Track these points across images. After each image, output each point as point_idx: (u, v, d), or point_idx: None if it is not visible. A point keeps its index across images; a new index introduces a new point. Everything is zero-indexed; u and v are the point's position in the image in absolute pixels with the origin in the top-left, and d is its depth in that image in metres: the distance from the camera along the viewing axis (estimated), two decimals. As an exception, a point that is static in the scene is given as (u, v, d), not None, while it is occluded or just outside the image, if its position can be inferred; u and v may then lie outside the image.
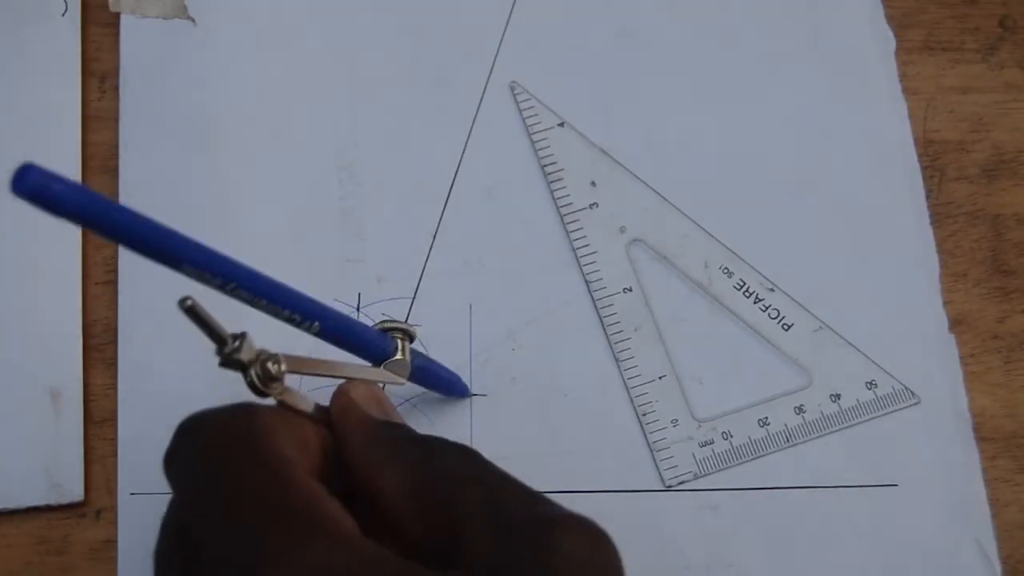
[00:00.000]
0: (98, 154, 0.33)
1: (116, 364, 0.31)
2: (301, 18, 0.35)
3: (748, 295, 0.33)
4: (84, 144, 0.33)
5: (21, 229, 0.32)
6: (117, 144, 0.33)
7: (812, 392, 0.32)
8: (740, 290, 0.33)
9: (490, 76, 0.35)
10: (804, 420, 0.32)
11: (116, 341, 0.31)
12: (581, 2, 0.36)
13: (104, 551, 0.30)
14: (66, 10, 0.34)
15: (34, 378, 0.31)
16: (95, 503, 0.30)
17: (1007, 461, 0.32)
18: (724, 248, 0.33)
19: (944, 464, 0.31)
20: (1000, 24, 0.37)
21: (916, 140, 0.35)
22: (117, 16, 0.34)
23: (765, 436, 0.31)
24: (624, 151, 0.34)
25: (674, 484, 0.31)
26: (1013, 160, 0.35)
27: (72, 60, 0.34)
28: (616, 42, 0.36)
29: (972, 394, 0.32)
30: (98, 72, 0.34)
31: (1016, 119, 0.36)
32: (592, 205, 0.34)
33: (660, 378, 0.32)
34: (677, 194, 0.34)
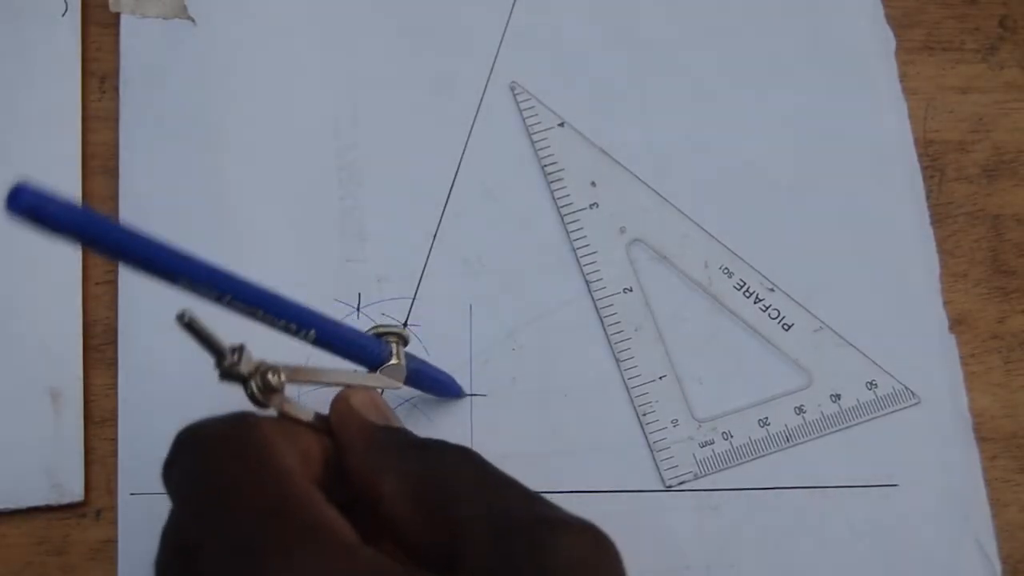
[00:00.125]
0: (98, 154, 0.33)
1: (116, 364, 0.31)
2: (301, 18, 0.35)
3: (748, 295, 0.33)
4: (84, 144, 0.33)
5: (21, 229, 0.32)
6: (117, 144, 0.33)
7: (812, 392, 0.32)
8: (740, 290, 0.33)
9: (490, 76, 0.35)
10: (804, 420, 0.32)
11: (116, 341, 0.31)
12: (581, 2, 0.36)
13: (104, 551, 0.30)
14: (66, 10, 0.34)
15: (34, 378, 0.31)
16: (95, 503, 0.30)
17: (1007, 461, 0.32)
18: (724, 248, 0.33)
19: (944, 464, 0.31)
20: (1000, 24, 0.37)
21: (916, 140, 0.35)
22: (117, 16, 0.34)
23: (765, 436, 0.31)
24: (624, 151, 0.34)
25: (674, 484, 0.31)
26: (1013, 160, 0.35)
27: (72, 60, 0.34)
28: (616, 42, 0.36)
29: (972, 394, 0.32)
30: (98, 72, 0.34)
31: (1016, 119, 0.36)
32: (592, 205, 0.34)
33: (660, 378, 0.32)
34: (677, 194, 0.34)
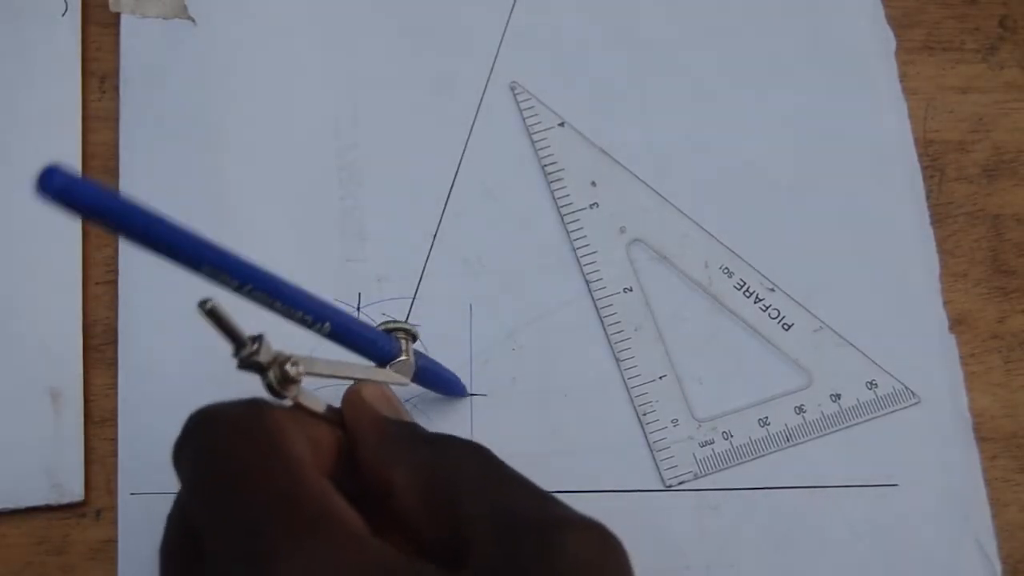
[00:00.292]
0: (98, 154, 0.33)
1: (116, 364, 0.31)
2: (301, 18, 0.35)
3: (748, 295, 0.33)
4: (84, 144, 0.33)
5: (21, 229, 0.32)
6: (117, 144, 0.33)
7: (812, 392, 0.32)
8: (740, 290, 0.33)
9: (490, 76, 0.35)
10: (804, 420, 0.32)
11: (116, 341, 0.31)
12: (581, 2, 0.36)
13: (104, 551, 0.30)
14: (66, 10, 0.34)
15: (34, 378, 0.31)
16: (95, 503, 0.30)
17: (1007, 461, 0.32)
18: (724, 248, 0.33)
19: (944, 464, 0.31)
20: (1000, 24, 0.37)
21: (916, 140, 0.35)
22: (117, 16, 0.34)
23: (765, 436, 0.31)
24: (624, 151, 0.34)
25: (674, 484, 0.31)
26: (1013, 160, 0.35)
27: (72, 60, 0.34)
28: (616, 42, 0.36)
29: (972, 394, 0.32)
30: (98, 72, 0.34)
31: (1016, 119, 0.36)
32: (592, 205, 0.34)
33: (660, 378, 0.32)
34: (677, 194, 0.34)
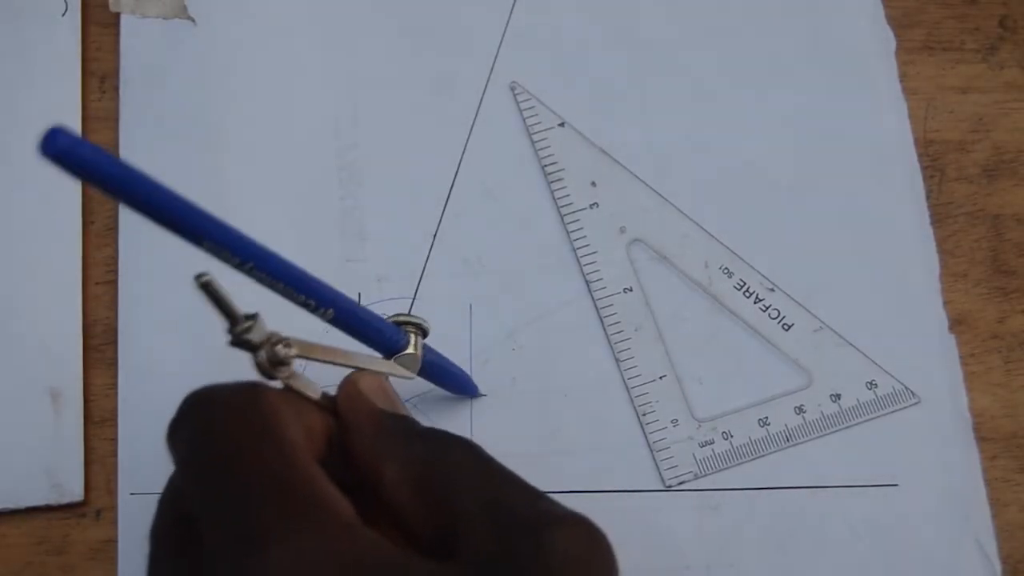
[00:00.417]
0: (98, 154, 0.33)
1: (116, 364, 0.31)
2: (301, 18, 0.35)
3: (748, 295, 0.33)
4: (84, 144, 0.33)
5: (21, 229, 0.32)
6: (117, 144, 0.33)
7: (812, 392, 0.32)
8: (740, 290, 0.33)
9: (490, 76, 0.35)
10: (804, 420, 0.32)
11: (116, 341, 0.31)
12: (581, 2, 0.36)
13: (104, 551, 0.30)
14: (66, 10, 0.34)
15: (34, 378, 0.31)
16: (95, 503, 0.30)
17: (1007, 461, 0.32)
18: (724, 248, 0.33)
19: (944, 464, 0.31)
20: (1000, 24, 0.37)
21: (916, 140, 0.35)
22: (117, 16, 0.35)
23: (765, 436, 0.31)
24: (624, 151, 0.34)
25: (674, 484, 0.31)
26: (1013, 160, 0.35)
27: (72, 60, 0.34)
28: (616, 42, 0.36)
29: (972, 394, 0.32)
30: (98, 72, 0.34)
31: (1016, 119, 0.36)
32: (592, 205, 0.34)
33: (660, 378, 0.32)
34: (677, 194, 0.34)
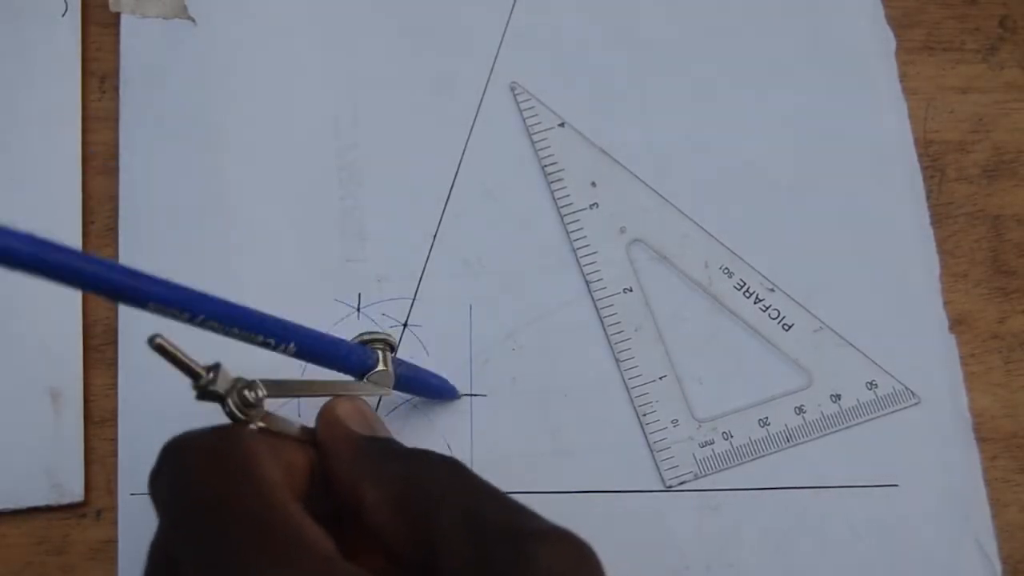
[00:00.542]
0: (98, 154, 0.33)
1: (116, 364, 0.31)
2: (301, 18, 0.35)
3: (748, 295, 0.33)
4: (84, 144, 0.33)
5: (21, 229, 0.32)
6: (117, 144, 0.33)
7: (812, 392, 0.32)
8: (740, 290, 0.33)
9: (490, 76, 0.35)
10: (804, 420, 0.32)
11: (116, 341, 0.31)
12: (581, 2, 0.36)
13: (104, 551, 0.30)
14: (66, 10, 0.34)
15: (34, 378, 0.31)
16: (95, 503, 0.30)
17: (1007, 461, 0.32)
18: (724, 248, 0.33)
19: (944, 464, 0.31)
20: (1000, 24, 0.37)
21: (916, 140, 0.35)
22: (117, 16, 0.34)
23: (765, 436, 0.31)
24: (624, 151, 0.34)
25: (674, 484, 0.31)
26: (1013, 160, 0.35)
27: (72, 60, 0.34)
28: (616, 42, 0.36)
29: (972, 394, 0.32)
30: (98, 72, 0.34)
31: (1016, 119, 0.36)
32: (592, 205, 0.34)
33: (660, 378, 0.32)
34: (677, 194, 0.34)
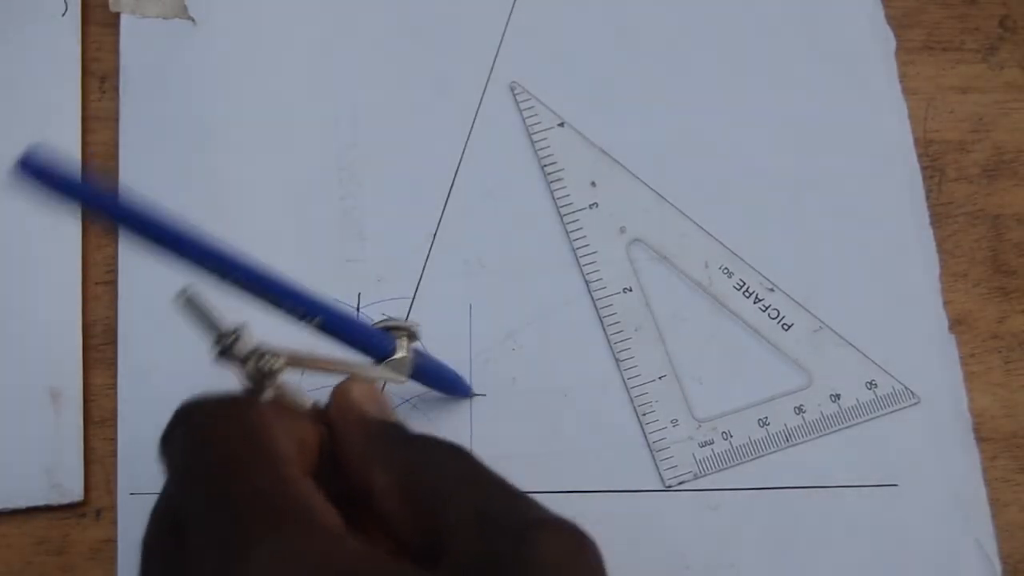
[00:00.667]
0: (98, 154, 0.33)
1: (116, 364, 0.31)
2: (301, 18, 0.35)
3: (748, 295, 0.33)
4: (84, 144, 0.33)
5: (21, 229, 0.32)
6: (117, 144, 0.33)
7: (812, 392, 0.32)
8: (740, 290, 0.33)
9: (490, 76, 0.35)
10: (804, 420, 0.32)
11: (116, 341, 0.31)
12: (582, 2, 0.36)
13: (104, 551, 0.30)
14: (66, 10, 0.34)
15: (34, 378, 0.31)
16: (95, 503, 0.30)
17: (1007, 461, 0.32)
18: (724, 248, 0.33)
19: (944, 464, 0.31)
20: (1000, 24, 0.37)
21: (916, 140, 0.35)
22: (117, 16, 0.35)
23: (765, 436, 0.31)
24: (624, 151, 0.34)
25: (674, 484, 0.31)
26: (1013, 160, 0.35)
27: (72, 60, 0.34)
28: (616, 42, 0.36)
29: (972, 394, 0.32)
30: (98, 72, 0.34)
31: (1016, 119, 0.36)
32: (592, 205, 0.34)
33: (660, 378, 0.32)
34: (677, 194, 0.34)
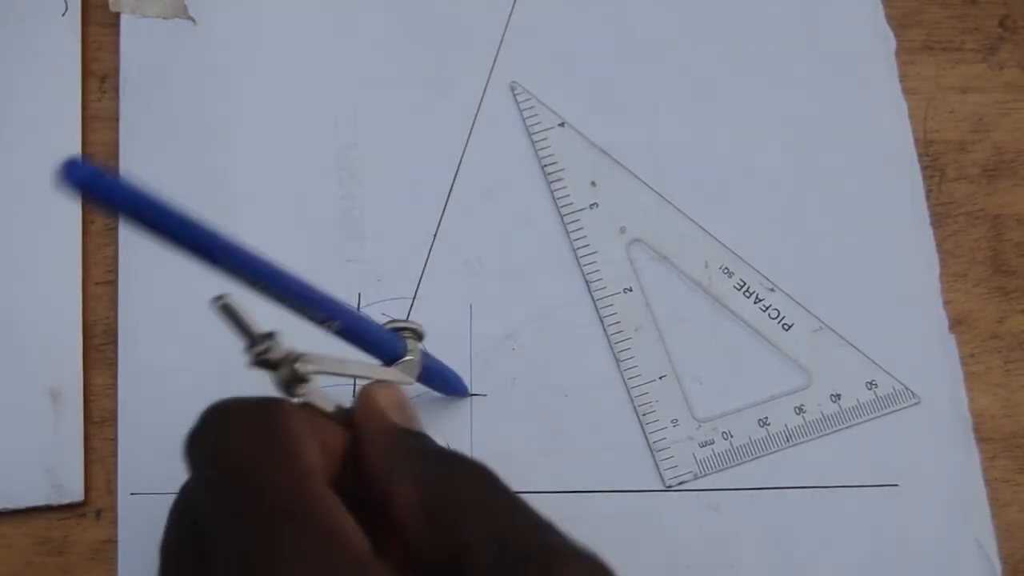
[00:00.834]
0: (98, 154, 0.33)
1: (116, 364, 0.31)
2: (301, 18, 0.35)
3: (748, 295, 0.33)
4: (84, 144, 0.33)
5: (21, 229, 0.32)
6: (117, 144, 0.33)
7: (812, 392, 0.32)
8: (740, 290, 0.33)
9: (490, 76, 0.35)
10: (804, 420, 0.32)
11: (116, 341, 0.31)
12: (581, 2, 0.36)
13: (104, 551, 0.30)
14: (66, 10, 0.34)
15: (34, 378, 0.31)
16: (95, 503, 0.30)
17: (1007, 461, 0.32)
18: (724, 248, 0.33)
19: (944, 464, 0.31)
20: (1000, 24, 0.37)
21: (916, 140, 0.35)
22: (117, 16, 0.35)
23: (765, 436, 0.31)
24: (624, 151, 0.34)
25: (674, 484, 0.31)
26: (1013, 160, 0.35)
27: (72, 60, 0.34)
28: (616, 42, 0.36)
29: (972, 394, 0.32)
30: (98, 72, 0.34)
31: (1016, 119, 0.36)
32: (592, 205, 0.34)
33: (660, 378, 0.32)
34: (677, 194, 0.34)
